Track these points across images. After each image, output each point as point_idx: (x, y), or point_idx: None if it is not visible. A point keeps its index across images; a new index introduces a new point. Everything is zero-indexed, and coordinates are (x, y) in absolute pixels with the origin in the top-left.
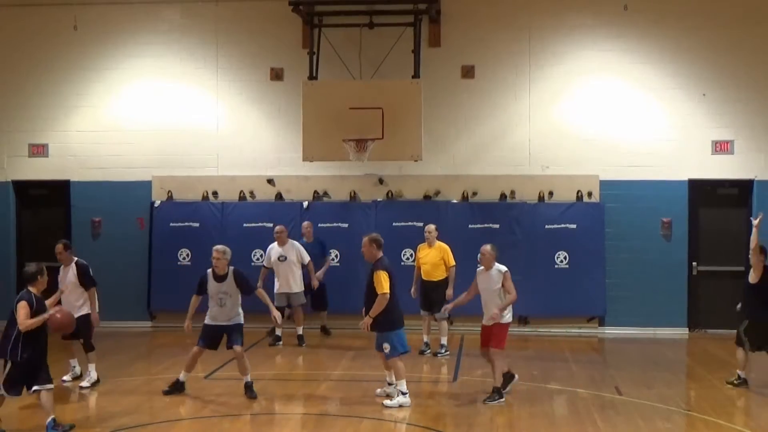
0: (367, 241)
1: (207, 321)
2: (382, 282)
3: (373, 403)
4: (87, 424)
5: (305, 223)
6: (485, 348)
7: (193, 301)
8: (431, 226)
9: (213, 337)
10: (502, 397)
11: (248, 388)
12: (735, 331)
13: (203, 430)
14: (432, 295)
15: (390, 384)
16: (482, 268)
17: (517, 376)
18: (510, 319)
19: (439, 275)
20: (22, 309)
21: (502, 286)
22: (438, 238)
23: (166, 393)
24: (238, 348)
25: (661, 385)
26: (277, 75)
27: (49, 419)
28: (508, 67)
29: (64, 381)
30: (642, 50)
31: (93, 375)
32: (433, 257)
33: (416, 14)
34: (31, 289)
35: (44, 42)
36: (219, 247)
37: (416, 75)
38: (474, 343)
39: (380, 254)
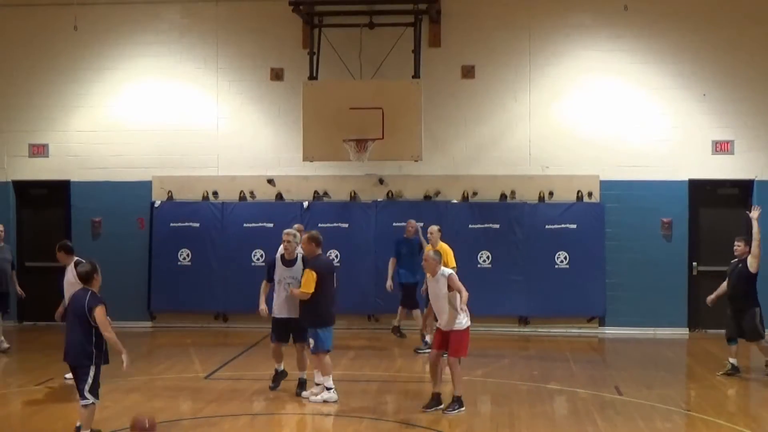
0: (307, 238)
1: (274, 314)
2: (309, 281)
3: (373, 402)
4: None
5: (411, 221)
6: (438, 350)
7: (263, 287)
8: (433, 228)
9: (282, 331)
10: (462, 407)
11: (301, 384)
12: None
13: (203, 430)
14: None
15: (317, 384)
16: (429, 274)
17: (442, 406)
18: (466, 324)
19: None
20: (104, 314)
21: (450, 289)
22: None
23: (273, 388)
24: (300, 345)
25: (661, 385)
26: (277, 75)
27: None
28: (508, 67)
29: (66, 379)
30: (642, 50)
31: None
32: None
33: (416, 14)
34: (92, 289)
35: (44, 42)
36: (289, 230)
37: (416, 75)
38: (475, 344)
39: (318, 251)
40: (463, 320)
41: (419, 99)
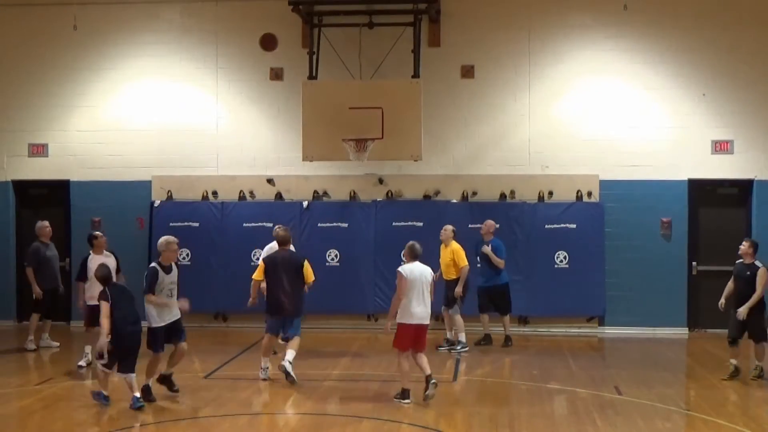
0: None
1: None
2: (257, 270)
3: (372, 402)
4: (87, 424)
5: (489, 222)
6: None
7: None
8: (448, 227)
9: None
10: (405, 399)
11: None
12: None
13: (203, 430)
14: (448, 293)
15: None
16: None
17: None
18: (402, 321)
19: (452, 275)
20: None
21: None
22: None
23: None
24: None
25: (661, 385)
26: (276, 75)
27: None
28: (508, 67)
29: (80, 366)
30: (642, 50)
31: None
32: (445, 257)
33: (416, 14)
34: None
35: (44, 42)
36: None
37: (416, 75)
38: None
39: (283, 248)
40: (399, 315)
41: (419, 99)
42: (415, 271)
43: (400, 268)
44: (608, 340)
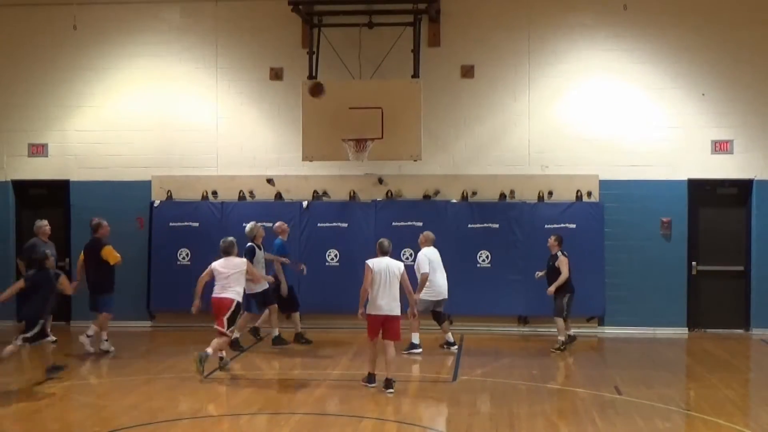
0: None
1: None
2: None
3: (373, 402)
4: (86, 424)
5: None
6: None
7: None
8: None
9: None
10: (371, 383)
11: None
12: (735, 330)
13: (203, 430)
14: None
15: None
16: None
17: (374, 384)
18: (369, 312)
19: None
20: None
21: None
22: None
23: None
24: None
25: (661, 385)
26: (276, 75)
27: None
28: (508, 67)
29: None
30: (642, 50)
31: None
32: None
33: (416, 14)
34: None
35: (44, 42)
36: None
37: (416, 75)
38: (475, 343)
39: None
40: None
41: (419, 99)
42: (381, 264)
43: (367, 261)
44: (608, 340)
